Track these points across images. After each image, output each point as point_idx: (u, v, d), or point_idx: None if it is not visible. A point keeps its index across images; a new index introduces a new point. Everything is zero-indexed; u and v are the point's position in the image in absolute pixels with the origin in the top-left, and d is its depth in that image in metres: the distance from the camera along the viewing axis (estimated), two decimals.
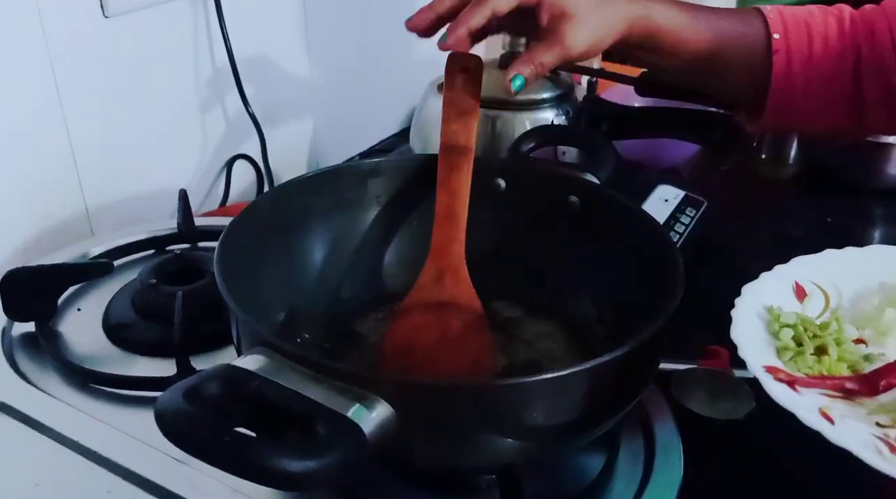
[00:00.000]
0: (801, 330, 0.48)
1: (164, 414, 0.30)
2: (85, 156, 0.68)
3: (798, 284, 0.52)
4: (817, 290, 0.53)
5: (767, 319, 0.49)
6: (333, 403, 0.33)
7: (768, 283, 0.52)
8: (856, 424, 0.43)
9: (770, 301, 0.50)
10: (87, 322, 0.58)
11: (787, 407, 0.41)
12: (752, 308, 0.49)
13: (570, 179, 0.55)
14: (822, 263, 0.54)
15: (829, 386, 0.45)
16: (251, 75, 0.79)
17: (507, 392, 0.34)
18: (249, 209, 0.48)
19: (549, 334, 0.52)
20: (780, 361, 0.46)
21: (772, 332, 0.48)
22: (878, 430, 0.42)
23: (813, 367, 0.47)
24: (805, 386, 0.44)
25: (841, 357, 0.47)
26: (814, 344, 0.47)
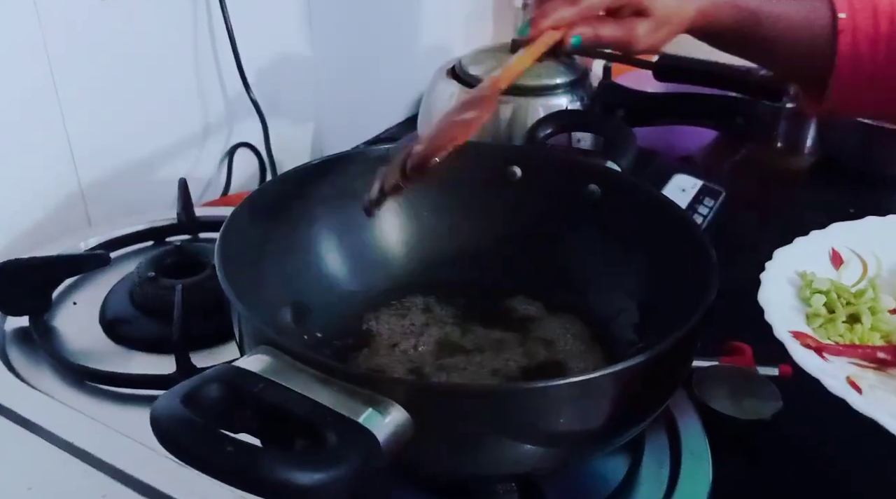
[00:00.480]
0: (834, 297, 0.46)
1: (160, 421, 0.28)
2: (81, 144, 0.66)
3: (835, 250, 0.50)
4: (855, 257, 0.50)
5: (799, 284, 0.47)
6: (344, 407, 0.31)
7: (803, 247, 0.50)
8: (885, 394, 0.40)
9: (803, 267, 0.48)
10: (84, 317, 0.56)
11: (812, 373, 0.39)
12: (783, 273, 0.47)
13: (590, 166, 0.52)
14: (861, 230, 0.52)
15: (860, 355, 0.43)
16: (253, 60, 0.77)
17: (531, 396, 0.32)
18: (252, 198, 0.45)
19: (570, 332, 0.49)
20: (808, 328, 0.44)
21: (802, 298, 0.46)
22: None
23: (844, 335, 0.45)
24: (834, 354, 0.42)
25: (875, 327, 0.45)
26: (846, 312, 0.45)
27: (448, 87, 0.76)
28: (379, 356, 0.47)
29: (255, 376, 0.31)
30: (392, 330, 0.49)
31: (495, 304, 0.52)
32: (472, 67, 0.76)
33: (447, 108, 0.50)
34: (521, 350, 0.48)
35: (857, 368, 0.42)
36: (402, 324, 0.50)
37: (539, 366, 0.47)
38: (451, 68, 0.78)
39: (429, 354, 0.47)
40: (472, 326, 0.50)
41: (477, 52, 0.79)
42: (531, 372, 0.46)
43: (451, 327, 0.50)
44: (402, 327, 0.50)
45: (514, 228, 0.53)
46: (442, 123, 0.45)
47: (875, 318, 0.46)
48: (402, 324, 0.50)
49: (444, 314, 0.51)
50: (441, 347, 0.48)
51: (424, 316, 0.51)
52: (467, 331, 0.49)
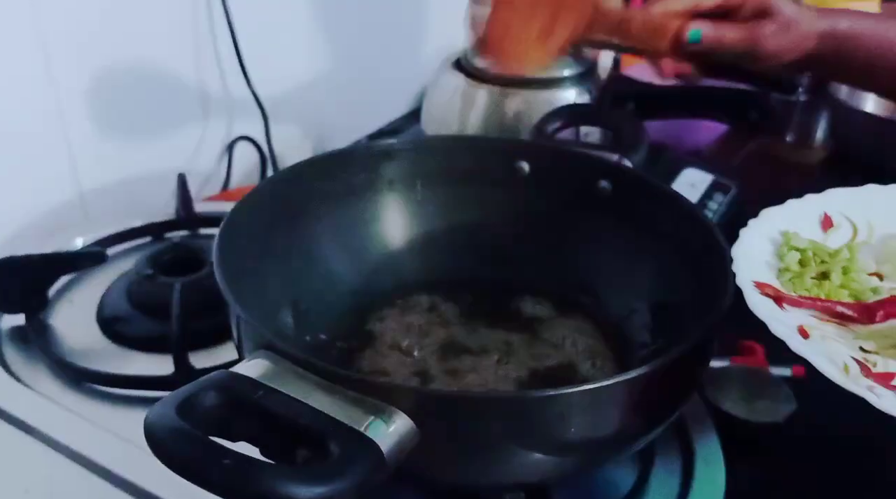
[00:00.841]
0: (810, 255, 0.45)
1: (154, 431, 0.26)
2: (79, 138, 0.65)
3: (827, 214, 0.49)
4: (847, 222, 0.49)
5: (780, 242, 0.46)
6: (347, 416, 0.29)
7: (793, 209, 0.48)
8: (835, 344, 0.39)
9: (789, 227, 0.47)
10: (81, 315, 0.55)
11: (761, 318, 0.38)
12: (765, 230, 0.46)
13: (600, 161, 0.51)
14: (859, 197, 0.50)
15: (821, 308, 0.42)
16: (254, 52, 0.75)
17: (542, 404, 0.30)
18: (252, 196, 0.44)
19: (579, 333, 0.48)
20: (776, 281, 0.43)
21: (779, 255, 0.45)
22: (860, 354, 0.39)
23: (811, 290, 0.43)
24: (793, 305, 0.41)
25: (845, 285, 0.44)
26: (819, 269, 0.44)
27: (453, 79, 0.75)
28: (383, 358, 0.46)
29: (255, 382, 0.30)
30: (396, 330, 0.48)
31: (502, 303, 0.50)
32: (477, 59, 0.75)
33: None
34: (529, 352, 0.46)
35: (815, 321, 0.41)
36: (406, 324, 0.49)
37: (548, 369, 0.45)
38: (457, 60, 0.77)
39: (434, 355, 0.46)
40: (479, 326, 0.49)
41: None
42: (540, 375, 0.45)
43: (456, 327, 0.49)
44: (406, 327, 0.48)
45: (521, 226, 0.52)
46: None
47: (846, 277, 0.44)
48: (407, 324, 0.49)
49: (450, 314, 0.50)
50: (446, 348, 0.47)
51: (429, 315, 0.50)
52: (473, 331, 0.48)
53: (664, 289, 0.46)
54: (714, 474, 0.43)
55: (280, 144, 0.81)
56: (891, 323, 0.41)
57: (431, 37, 0.98)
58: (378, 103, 0.94)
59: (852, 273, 0.45)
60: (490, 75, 0.73)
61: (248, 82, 0.76)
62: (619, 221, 0.49)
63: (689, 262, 0.44)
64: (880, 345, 0.40)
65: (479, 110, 0.73)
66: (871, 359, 0.39)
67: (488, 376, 0.44)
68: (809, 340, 0.38)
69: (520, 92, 0.72)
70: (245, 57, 0.74)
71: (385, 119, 0.95)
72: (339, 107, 0.88)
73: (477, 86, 0.73)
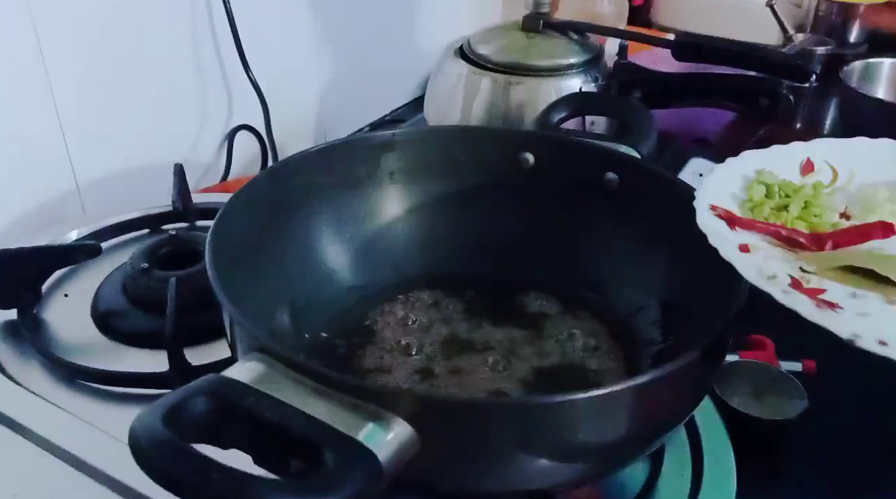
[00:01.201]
0: (775, 190, 0.45)
1: (140, 443, 0.25)
2: (73, 127, 0.63)
3: (809, 160, 0.49)
4: (828, 168, 0.49)
5: (752, 179, 0.46)
6: (343, 423, 0.28)
7: (776, 153, 0.48)
8: (774, 262, 0.40)
9: (767, 167, 0.47)
10: (75, 310, 0.54)
11: (705, 231, 0.39)
12: (739, 168, 0.46)
13: (607, 152, 0.49)
14: (845, 147, 0.49)
15: (772, 232, 0.42)
16: (252, 38, 0.74)
17: (550, 411, 0.29)
18: (246, 190, 0.42)
19: (586, 331, 0.46)
20: (736, 209, 0.44)
21: (748, 189, 0.45)
22: (798, 273, 0.39)
23: (769, 219, 0.44)
24: (745, 227, 0.42)
25: (803, 218, 0.44)
26: (781, 202, 0.45)
27: (456, 67, 0.73)
28: (384, 356, 0.45)
29: (246, 387, 0.29)
30: (398, 327, 0.47)
31: (506, 299, 0.49)
32: (480, 46, 0.74)
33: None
34: (534, 350, 0.45)
35: (765, 244, 0.41)
36: (408, 320, 0.48)
37: (553, 367, 0.44)
38: (459, 48, 0.76)
39: (436, 353, 0.45)
40: (482, 322, 0.47)
41: (486, 30, 0.77)
42: (545, 374, 0.43)
43: (459, 324, 0.47)
44: (408, 324, 0.47)
45: (526, 219, 0.51)
46: None
47: (806, 211, 0.45)
48: (409, 320, 0.48)
49: (453, 310, 0.49)
50: (449, 345, 0.46)
51: (431, 312, 0.48)
52: (477, 328, 0.47)
53: (674, 285, 0.45)
54: (724, 473, 0.42)
55: (281, 133, 0.80)
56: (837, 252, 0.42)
57: (434, 24, 0.96)
58: (380, 92, 0.93)
59: (813, 208, 0.45)
60: (493, 63, 0.72)
61: (247, 70, 0.74)
62: (627, 215, 0.48)
63: (701, 258, 0.42)
64: (820, 267, 0.40)
65: (482, 99, 0.72)
66: (807, 277, 0.39)
67: (492, 375, 0.43)
68: (747, 255, 0.39)
69: (524, 80, 0.70)
70: (244, 44, 0.73)
71: (388, 108, 0.93)
72: (340, 95, 0.86)
73: (480, 74, 0.72)
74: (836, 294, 0.38)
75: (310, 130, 0.86)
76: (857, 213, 0.46)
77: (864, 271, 0.40)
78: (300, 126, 0.84)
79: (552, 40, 0.73)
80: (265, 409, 0.28)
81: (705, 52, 0.67)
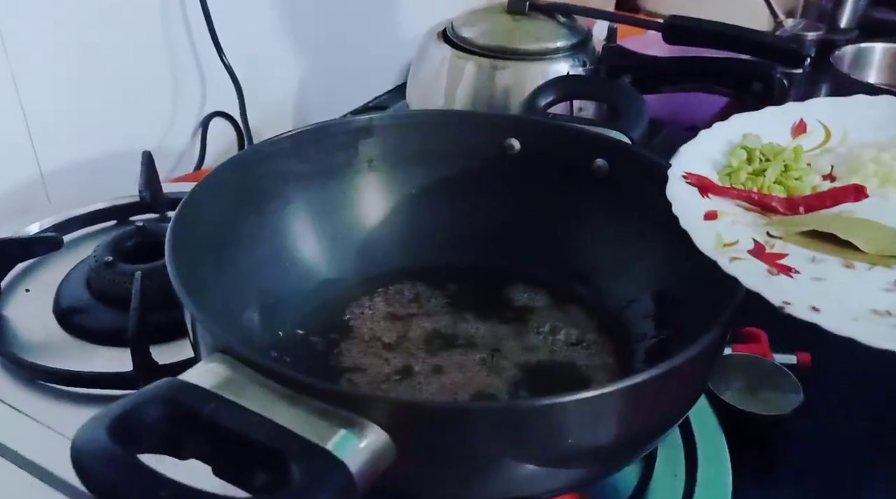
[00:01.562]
0: (757, 154, 0.44)
1: (81, 457, 0.23)
2: (37, 113, 0.61)
3: (803, 120, 0.48)
4: (821, 129, 0.48)
5: (737, 143, 0.46)
6: (311, 431, 0.26)
7: (767, 115, 0.47)
8: (740, 228, 0.40)
9: (755, 131, 0.46)
10: (37, 305, 0.51)
11: (671, 200, 0.39)
12: (725, 132, 0.45)
13: (597, 137, 0.47)
14: (842, 106, 0.49)
15: (745, 198, 0.42)
16: (226, 20, 0.71)
17: (537, 415, 0.27)
18: (212, 178, 0.40)
19: (575, 325, 0.44)
20: (714, 176, 0.43)
21: (730, 154, 0.45)
22: (764, 238, 0.39)
23: (745, 184, 0.43)
24: (718, 194, 0.42)
25: (781, 181, 0.44)
26: (761, 167, 0.44)
27: (439, 51, 0.71)
28: (362, 353, 0.42)
29: (206, 392, 0.26)
30: (377, 322, 0.45)
31: (492, 292, 0.47)
32: (464, 29, 0.72)
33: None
34: (520, 345, 0.43)
35: (739, 210, 0.41)
36: (388, 315, 0.45)
37: (541, 364, 0.42)
38: (443, 31, 0.73)
39: (418, 350, 0.43)
40: (466, 317, 0.45)
41: (469, 13, 0.75)
42: (532, 371, 0.41)
43: (442, 319, 0.45)
44: (388, 319, 0.45)
45: (512, 208, 0.49)
46: None
47: (784, 174, 0.44)
48: (389, 315, 0.45)
49: (435, 304, 0.46)
50: (432, 341, 0.44)
51: (413, 306, 0.46)
52: (461, 323, 0.45)
53: (668, 276, 0.43)
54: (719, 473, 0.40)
55: (258, 121, 0.77)
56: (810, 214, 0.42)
57: (418, 6, 0.93)
58: (362, 78, 0.90)
59: (793, 171, 0.44)
60: (478, 46, 0.69)
61: (220, 54, 0.71)
62: (617, 203, 0.46)
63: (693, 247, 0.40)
64: (787, 231, 0.40)
65: (466, 84, 0.69)
66: (772, 242, 0.39)
67: (477, 372, 0.41)
68: (711, 222, 0.39)
69: (510, 64, 0.68)
70: (217, 27, 0.70)
71: (370, 94, 0.91)
72: (320, 81, 0.84)
73: (464, 58, 0.70)
74: (795, 259, 0.38)
75: (288, 117, 0.83)
76: (843, 174, 0.45)
77: (830, 235, 0.40)
78: (278, 113, 0.82)
79: (539, 23, 0.72)
80: (226, 416, 0.26)
81: (697, 35, 0.66)
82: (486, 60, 0.69)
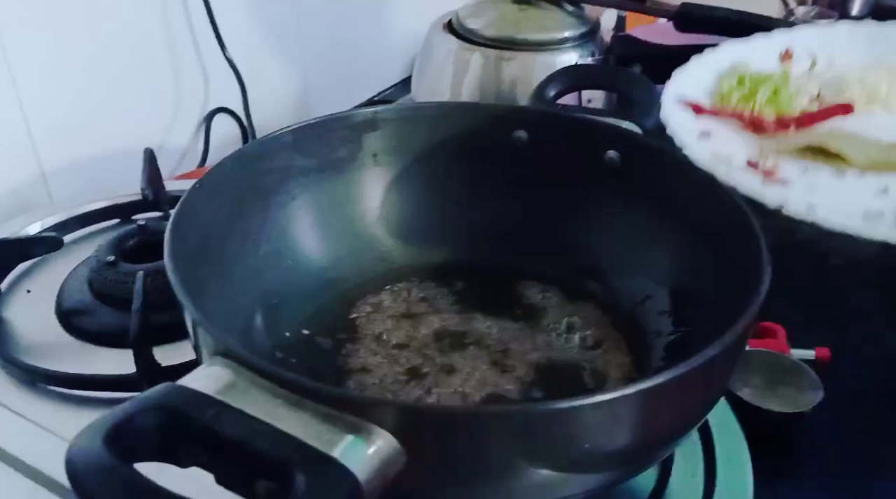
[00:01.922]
0: (746, 80, 0.47)
1: (76, 469, 0.22)
2: (37, 111, 0.60)
3: (789, 49, 0.50)
4: (808, 55, 0.51)
5: (727, 69, 0.48)
6: (317, 438, 0.25)
7: (756, 42, 0.50)
8: (733, 146, 0.42)
9: (744, 57, 0.48)
10: (38, 307, 0.50)
11: (665, 122, 0.42)
12: (716, 60, 0.48)
13: (608, 128, 0.46)
14: (828, 33, 0.51)
15: (737, 117, 0.45)
16: (228, 15, 0.70)
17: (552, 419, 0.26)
18: (212, 175, 0.39)
19: (590, 324, 0.43)
20: (706, 100, 0.46)
21: (720, 82, 0.48)
22: (756, 155, 0.42)
23: (737, 107, 0.46)
24: (711, 114, 0.45)
25: (772, 104, 0.47)
26: (752, 90, 0.47)
27: (445, 42, 0.70)
28: (369, 354, 0.41)
29: (206, 398, 0.25)
30: (384, 322, 0.44)
31: (501, 290, 0.46)
32: (470, 20, 0.71)
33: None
34: (532, 344, 0.42)
35: (731, 131, 0.44)
36: (395, 314, 0.44)
37: (553, 363, 0.41)
38: (448, 22, 0.72)
39: (426, 350, 0.42)
40: (476, 315, 0.44)
41: (475, 3, 0.74)
42: (545, 371, 0.40)
43: (451, 318, 0.44)
44: (395, 318, 0.44)
45: (521, 202, 0.47)
46: None
47: (774, 96, 0.47)
48: (396, 314, 0.44)
49: (443, 302, 0.45)
50: (440, 341, 0.42)
51: (421, 305, 0.45)
52: (470, 321, 0.44)
53: (684, 271, 0.41)
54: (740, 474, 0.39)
55: (261, 116, 0.76)
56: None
57: None
58: (367, 72, 0.89)
59: (782, 94, 0.47)
60: (484, 37, 0.68)
61: (222, 49, 0.70)
62: (630, 196, 0.45)
63: (712, 241, 0.39)
64: (779, 148, 0.43)
65: (472, 76, 0.68)
66: (764, 158, 0.42)
67: (487, 373, 0.40)
68: (706, 141, 0.42)
69: (516, 55, 0.67)
70: (219, 21, 0.69)
71: (375, 89, 0.90)
72: (324, 76, 0.83)
73: (470, 49, 0.68)
74: (788, 171, 0.41)
75: (292, 112, 0.82)
76: (830, 96, 0.48)
77: (820, 149, 0.43)
78: (281, 109, 0.81)
79: (545, 12, 0.70)
80: (227, 423, 0.25)
81: (709, 23, 0.64)
82: (493, 52, 0.68)
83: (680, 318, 0.41)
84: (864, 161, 0.43)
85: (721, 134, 0.42)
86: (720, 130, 0.43)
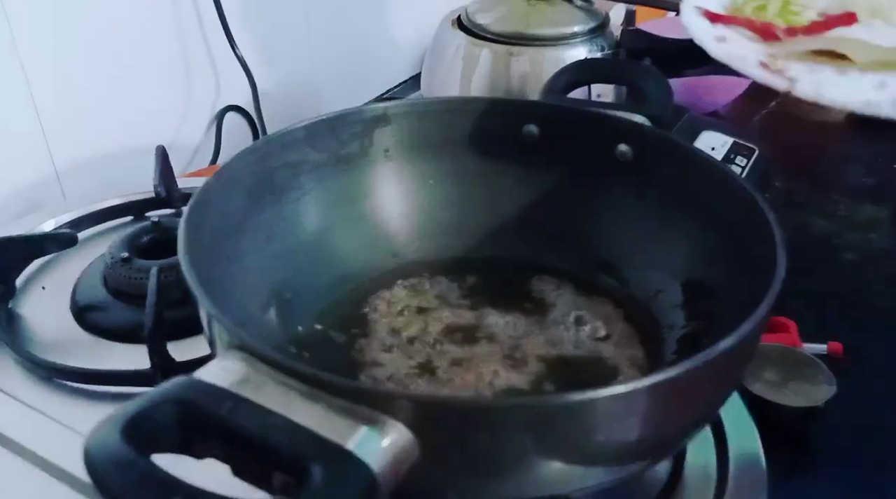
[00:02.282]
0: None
1: (94, 461, 0.22)
2: (50, 110, 0.60)
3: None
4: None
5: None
6: (332, 430, 0.25)
7: None
8: (746, 51, 0.48)
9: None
10: (53, 303, 0.51)
11: (687, 27, 0.49)
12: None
13: (620, 121, 0.46)
14: None
15: (748, 25, 0.50)
16: (238, 13, 0.70)
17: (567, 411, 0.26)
18: (225, 171, 0.39)
19: (602, 318, 0.43)
20: (721, 10, 0.52)
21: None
22: (767, 58, 0.48)
23: (749, 16, 0.51)
24: (725, 23, 0.50)
25: (783, 15, 0.51)
26: (764, 3, 0.52)
27: (454, 38, 0.70)
28: (382, 348, 0.41)
29: (222, 391, 0.25)
30: (396, 316, 0.43)
31: (513, 284, 0.46)
32: (479, 16, 0.70)
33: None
34: (543, 338, 0.42)
35: (743, 38, 0.50)
36: (408, 308, 0.44)
37: (566, 357, 0.41)
38: (457, 18, 0.72)
39: (438, 344, 0.42)
40: (488, 309, 0.44)
41: None
42: (557, 365, 0.40)
43: (463, 312, 0.44)
44: (408, 313, 0.44)
45: (532, 197, 0.47)
46: None
47: (784, 9, 0.52)
48: (409, 308, 0.44)
49: (456, 296, 0.45)
50: (453, 335, 0.42)
51: (432, 299, 0.45)
52: (482, 316, 0.44)
53: (697, 265, 0.41)
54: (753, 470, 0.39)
55: (272, 114, 0.77)
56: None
57: None
58: (377, 68, 0.89)
59: (791, 6, 0.52)
60: (493, 33, 0.68)
61: (232, 46, 0.70)
62: (642, 189, 0.44)
63: (726, 233, 0.39)
64: (787, 53, 0.48)
65: (482, 72, 0.68)
66: (773, 61, 0.48)
67: (499, 367, 0.40)
68: (723, 44, 0.48)
69: (526, 50, 0.67)
70: (229, 19, 0.69)
71: (385, 86, 0.90)
72: (334, 73, 0.83)
73: (479, 45, 0.68)
74: (795, 71, 0.47)
75: (302, 110, 0.82)
76: (835, 8, 0.53)
77: (825, 53, 0.48)
78: (292, 106, 0.81)
79: (554, 7, 0.70)
80: (243, 416, 0.25)
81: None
82: (502, 47, 0.68)
83: (693, 311, 0.41)
84: (867, 61, 0.47)
85: (734, 40, 0.48)
86: (734, 36, 0.48)
